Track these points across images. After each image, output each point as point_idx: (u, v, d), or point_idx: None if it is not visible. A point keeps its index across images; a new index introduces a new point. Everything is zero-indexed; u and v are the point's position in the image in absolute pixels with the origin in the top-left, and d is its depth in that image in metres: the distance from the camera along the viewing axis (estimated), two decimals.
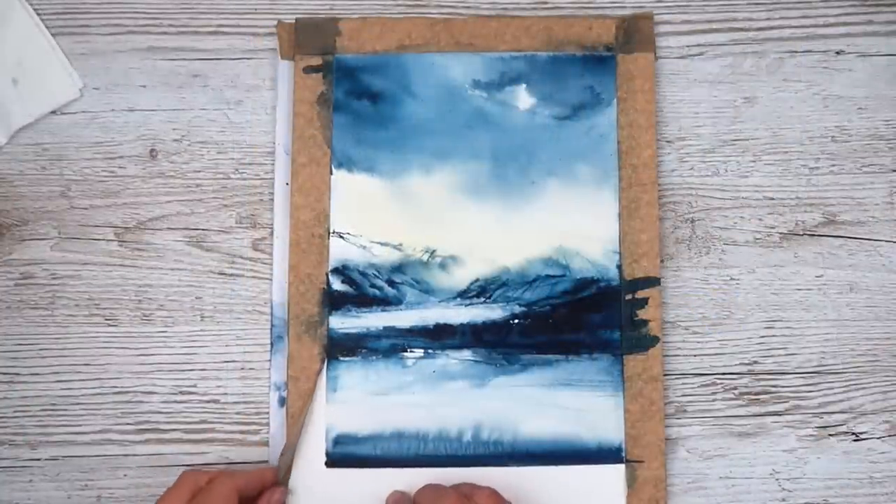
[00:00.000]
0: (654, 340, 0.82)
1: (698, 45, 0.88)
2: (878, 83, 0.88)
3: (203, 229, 0.85)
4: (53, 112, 0.85)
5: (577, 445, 0.82)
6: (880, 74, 0.88)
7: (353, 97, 0.85)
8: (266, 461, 0.82)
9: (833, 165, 0.87)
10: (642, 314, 0.83)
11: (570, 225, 0.84)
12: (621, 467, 0.82)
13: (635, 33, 0.86)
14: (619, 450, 0.82)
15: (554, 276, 0.83)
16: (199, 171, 0.85)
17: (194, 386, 0.83)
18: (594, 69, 0.85)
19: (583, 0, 0.88)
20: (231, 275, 0.84)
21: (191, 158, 0.85)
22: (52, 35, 0.85)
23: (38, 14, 0.85)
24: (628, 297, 0.83)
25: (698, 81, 0.88)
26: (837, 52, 0.88)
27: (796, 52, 0.88)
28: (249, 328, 0.84)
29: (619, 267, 0.83)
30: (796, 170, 0.87)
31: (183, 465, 0.82)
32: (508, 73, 0.85)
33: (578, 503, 0.81)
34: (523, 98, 0.85)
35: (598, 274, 0.83)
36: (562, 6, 0.88)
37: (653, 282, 0.83)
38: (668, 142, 0.86)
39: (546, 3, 0.87)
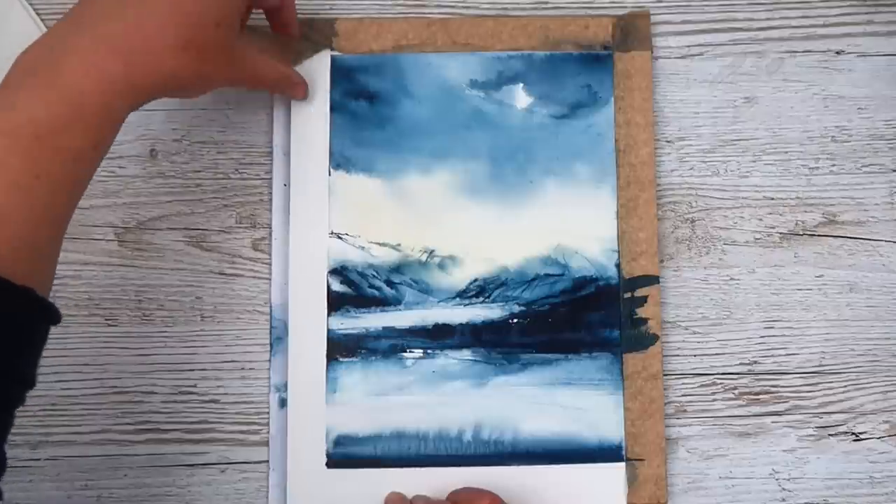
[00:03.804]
0: (654, 338, 0.82)
1: (698, 45, 0.88)
2: (878, 83, 0.88)
3: (203, 229, 0.85)
4: None
5: (577, 444, 0.82)
6: (880, 74, 0.88)
7: (351, 97, 0.85)
8: (266, 461, 0.82)
9: (833, 165, 0.87)
10: (641, 312, 0.83)
11: (568, 224, 0.84)
12: (622, 466, 0.82)
13: (632, 32, 0.86)
14: (619, 448, 0.82)
15: (553, 275, 0.83)
16: (199, 171, 0.85)
17: (194, 386, 0.83)
18: (591, 68, 0.85)
19: (582, 0, 0.88)
20: (231, 275, 0.84)
21: (191, 158, 0.85)
22: None
23: (38, 14, 0.85)
24: (627, 295, 0.83)
25: (698, 81, 0.88)
26: (837, 52, 0.88)
27: (796, 52, 0.88)
28: (249, 328, 0.84)
29: (618, 265, 0.83)
30: (796, 170, 0.87)
31: (183, 465, 0.83)
32: (505, 72, 0.85)
33: (579, 502, 0.82)
34: (521, 97, 0.85)
35: (596, 272, 0.83)
36: (561, 6, 0.88)
37: (651, 280, 0.83)
38: (668, 142, 0.87)
39: (546, 2, 0.87)
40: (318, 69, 0.85)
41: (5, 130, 0.61)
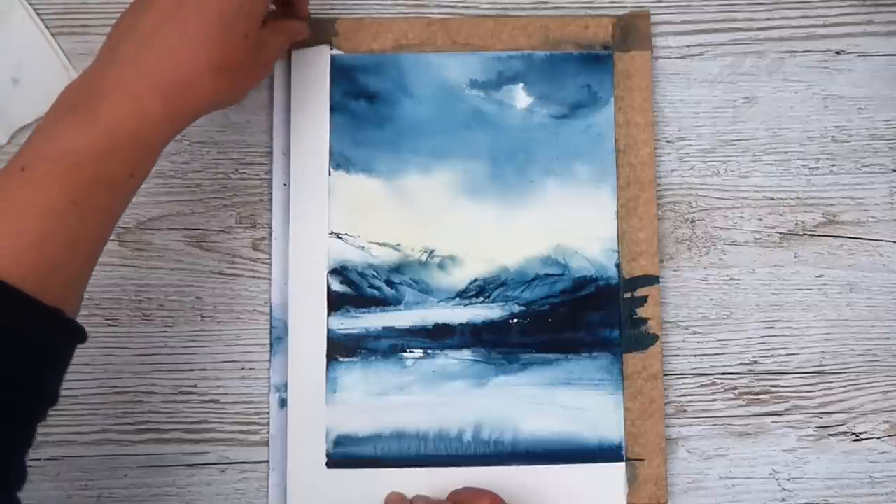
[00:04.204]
0: (654, 338, 0.82)
1: (698, 45, 0.88)
2: (878, 83, 0.88)
3: (203, 229, 0.85)
4: None
5: (577, 444, 0.82)
6: (880, 74, 0.88)
7: (351, 97, 0.85)
8: (266, 461, 0.82)
9: (833, 165, 0.87)
10: (641, 312, 0.83)
11: (568, 224, 0.84)
12: (622, 466, 0.82)
13: (632, 32, 0.86)
14: (619, 448, 0.82)
15: (553, 276, 0.83)
16: (199, 171, 0.85)
17: (194, 386, 0.83)
18: (591, 68, 0.85)
19: (583, 0, 0.88)
20: (231, 275, 0.84)
21: (191, 158, 0.85)
22: (52, 35, 0.85)
23: (38, 14, 0.85)
24: (627, 295, 0.83)
25: (698, 81, 0.88)
26: (837, 52, 0.88)
27: (796, 52, 0.88)
28: (249, 328, 0.84)
29: (618, 265, 0.83)
30: (796, 170, 0.87)
31: (183, 465, 0.83)
32: (505, 72, 0.85)
33: (579, 502, 0.82)
34: (521, 97, 0.85)
35: (596, 272, 0.83)
36: (562, 6, 0.88)
37: (651, 280, 0.83)
38: (668, 142, 0.86)
39: (546, 2, 0.87)
40: (318, 69, 0.84)
41: (46, 157, 0.63)
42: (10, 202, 0.62)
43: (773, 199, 0.86)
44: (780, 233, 0.86)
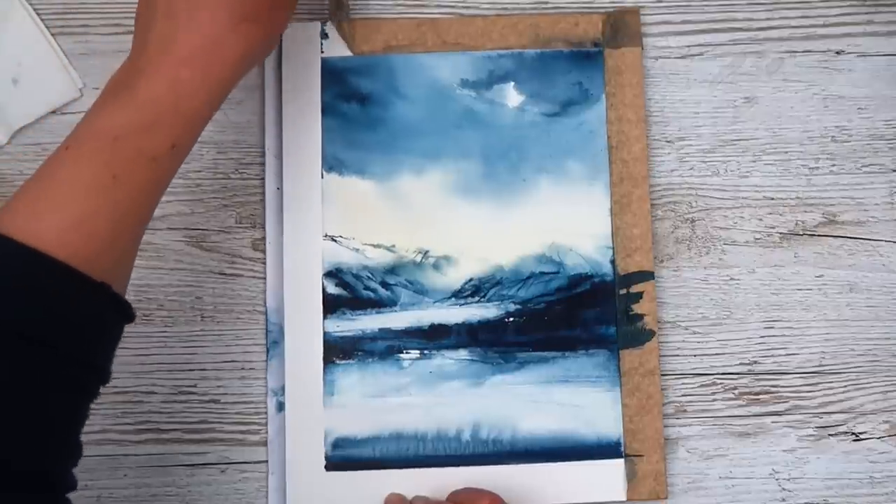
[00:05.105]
0: (650, 334, 0.82)
1: (698, 45, 0.88)
2: (878, 83, 0.88)
3: (203, 229, 0.85)
4: (53, 112, 0.85)
5: (575, 441, 0.82)
6: (880, 74, 0.88)
7: (342, 100, 0.85)
8: (265, 461, 0.82)
9: (833, 165, 0.87)
10: (637, 308, 0.83)
11: (562, 221, 0.84)
12: (620, 462, 0.82)
13: (622, 28, 0.86)
14: (617, 444, 0.82)
15: (548, 273, 0.83)
16: (200, 171, 0.85)
17: (194, 386, 0.84)
18: (582, 65, 0.85)
19: (582, 0, 0.88)
20: (231, 275, 0.85)
21: (191, 158, 0.84)
22: (52, 35, 0.85)
23: (38, 14, 0.85)
24: (622, 291, 0.83)
25: (698, 81, 0.87)
26: (837, 52, 0.88)
27: (796, 52, 0.88)
28: (249, 328, 0.84)
29: (613, 262, 0.83)
30: (796, 170, 0.86)
31: (183, 465, 0.83)
32: (496, 71, 0.85)
33: (579, 499, 0.82)
34: (512, 96, 0.85)
35: (591, 269, 0.83)
36: (562, 6, 0.87)
37: (646, 276, 0.83)
38: (668, 142, 0.86)
39: (546, 2, 0.87)
40: (308, 71, 0.85)
41: (88, 136, 0.65)
42: (54, 179, 0.63)
43: (773, 199, 0.86)
44: (780, 233, 0.86)
